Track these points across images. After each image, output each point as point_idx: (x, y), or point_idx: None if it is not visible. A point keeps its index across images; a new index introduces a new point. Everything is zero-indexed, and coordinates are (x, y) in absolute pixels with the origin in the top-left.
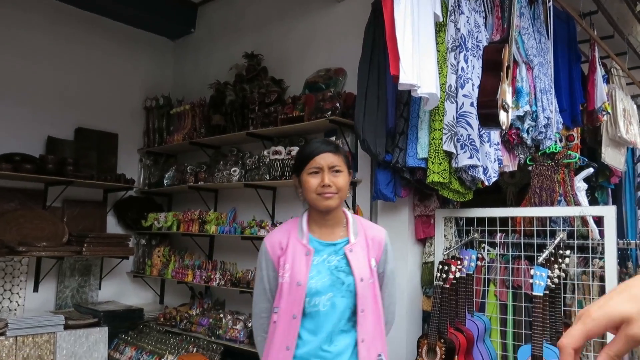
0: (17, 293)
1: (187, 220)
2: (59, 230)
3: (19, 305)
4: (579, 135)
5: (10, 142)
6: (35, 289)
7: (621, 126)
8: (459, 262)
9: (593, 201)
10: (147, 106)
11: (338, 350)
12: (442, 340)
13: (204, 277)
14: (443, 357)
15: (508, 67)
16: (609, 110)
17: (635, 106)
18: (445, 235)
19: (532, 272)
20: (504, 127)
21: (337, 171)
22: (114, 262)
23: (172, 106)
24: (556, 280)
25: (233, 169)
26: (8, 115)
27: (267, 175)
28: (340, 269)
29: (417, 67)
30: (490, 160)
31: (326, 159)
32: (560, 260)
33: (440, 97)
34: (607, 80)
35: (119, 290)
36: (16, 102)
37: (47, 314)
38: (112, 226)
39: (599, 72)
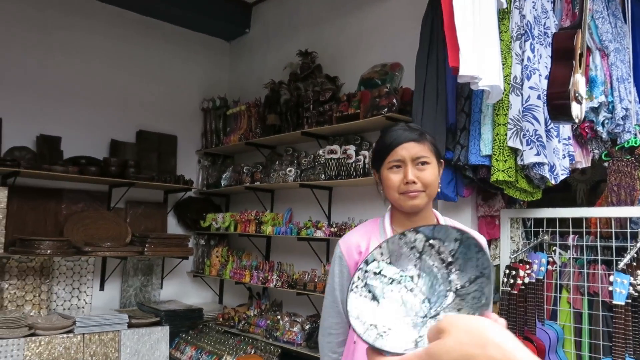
0: (85, 292)
1: (244, 221)
2: (122, 231)
3: (86, 303)
4: None
5: (77, 145)
6: (102, 288)
7: None
8: (527, 267)
9: None
10: (204, 107)
11: None
12: None
13: (261, 278)
14: None
15: (581, 55)
16: None
17: None
18: (511, 237)
19: (611, 278)
20: (577, 121)
21: (424, 163)
22: (175, 261)
23: (228, 107)
24: (639, 287)
25: (289, 169)
26: (74, 119)
27: (323, 175)
28: None
29: (479, 57)
30: (558, 156)
31: (409, 149)
32: None
33: (505, 90)
34: None
35: (179, 290)
36: (81, 106)
37: (113, 312)
38: (173, 226)
39: None
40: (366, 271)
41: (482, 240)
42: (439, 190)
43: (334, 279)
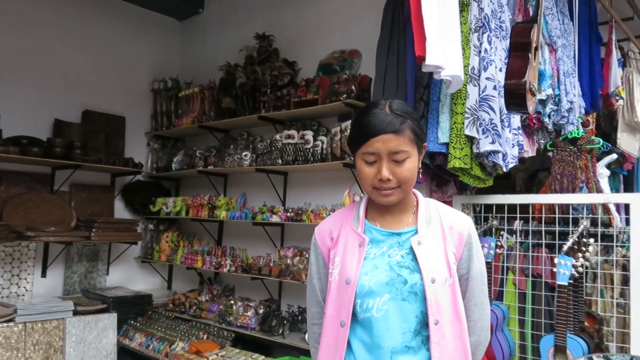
0: (25, 279)
1: (197, 205)
2: (67, 215)
3: (27, 290)
4: (594, 120)
5: (17, 124)
6: (43, 275)
7: (638, 111)
8: None
9: None
10: (154, 88)
11: None
12: None
13: (214, 263)
14: None
15: (536, 49)
16: (623, 95)
17: None
18: None
19: (556, 260)
20: (530, 111)
21: (401, 159)
22: (122, 247)
23: (180, 89)
24: (580, 269)
25: (244, 153)
26: (14, 97)
27: (280, 160)
28: (403, 264)
29: (443, 48)
30: (509, 145)
31: (386, 142)
32: (583, 248)
33: (463, 80)
34: (624, 64)
35: (126, 276)
36: (22, 84)
37: (56, 300)
38: (120, 211)
39: (615, 55)
40: None
41: (469, 220)
42: (419, 176)
43: (311, 267)
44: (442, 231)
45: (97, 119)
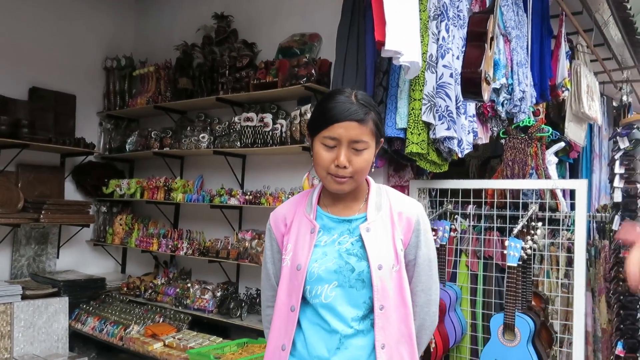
0: None
1: (152, 188)
2: (14, 196)
3: None
4: (544, 110)
5: None
6: None
7: (584, 102)
8: (433, 233)
9: None
10: (107, 66)
11: (349, 357)
12: None
13: (170, 246)
14: None
15: (492, 39)
16: (569, 87)
17: (597, 83)
18: None
19: (506, 243)
20: (485, 99)
21: (360, 149)
22: (73, 230)
23: (134, 67)
24: (529, 251)
25: (202, 135)
26: None
27: (238, 142)
28: (352, 252)
29: (402, 34)
30: (464, 132)
31: (349, 130)
32: (532, 232)
33: (421, 67)
34: (572, 56)
35: (78, 260)
36: None
37: (3, 284)
38: (71, 193)
39: (563, 48)
40: None
41: (419, 207)
42: (371, 169)
43: (266, 251)
44: (391, 217)
45: (46, 97)
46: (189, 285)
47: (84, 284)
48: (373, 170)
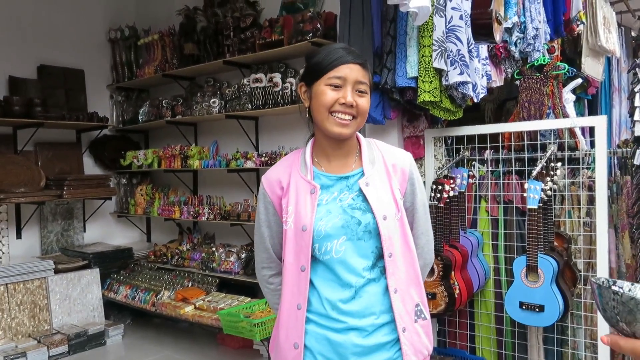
0: (0, 241)
1: (168, 157)
2: (35, 175)
3: (3, 253)
4: (559, 46)
5: None
6: (19, 236)
7: (601, 35)
8: (451, 181)
9: None
10: (111, 38)
11: (365, 305)
12: (438, 258)
13: (191, 213)
14: (440, 273)
15: None
16: (584, 20)
17: (614, 13)
18: (435, 156)
19: (526, 186)
20: (497, 40)
21: (363, 91)
22: (97, 203)
23: (138, 37)
24: (549, 192)
25: (212, 100)
26: None
27: (249, 105)
28: (355, 206)
29: None
30: (478, 76)
31: (354, 71)
32: (552, 172)
33: (430, 11)
34: None
35: (104, 232)
36: None
37: (35, 260)
38: (90, 167)
39: None
40: None
41: (409, 156)
42: (368, 113)
43: (260, 215)
44: (386, 170)
45: (54, 74)
46: (214, 249)
47: (112, 254)
48: (391, 113)
